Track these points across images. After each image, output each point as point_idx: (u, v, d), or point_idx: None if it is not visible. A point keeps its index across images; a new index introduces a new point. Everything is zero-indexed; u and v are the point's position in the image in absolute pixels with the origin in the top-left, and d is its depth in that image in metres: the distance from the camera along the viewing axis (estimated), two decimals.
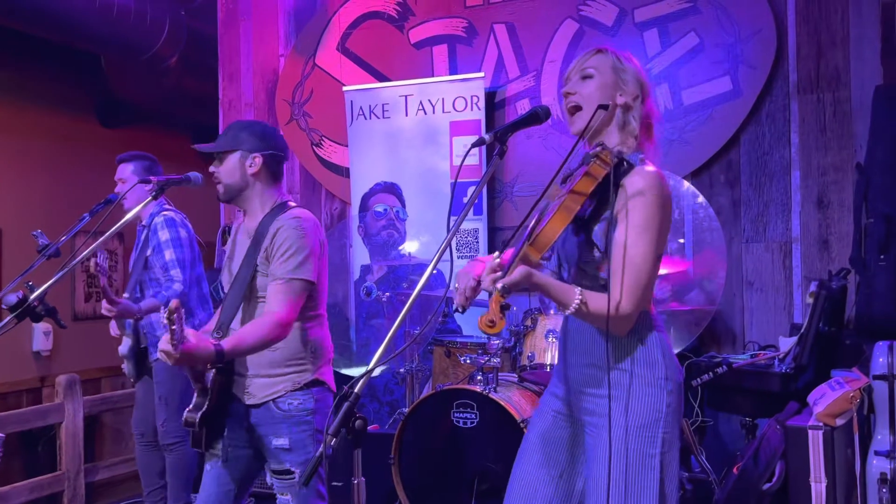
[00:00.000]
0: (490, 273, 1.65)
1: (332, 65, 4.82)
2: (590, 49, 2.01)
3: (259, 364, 2.40)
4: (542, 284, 1.73)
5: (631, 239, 1.79)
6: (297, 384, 2.41)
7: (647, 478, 1.81)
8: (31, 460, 4.77)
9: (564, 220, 1.74)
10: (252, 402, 2.40)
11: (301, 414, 2.41)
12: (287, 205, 2.46)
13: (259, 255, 2.39)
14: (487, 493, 3.01)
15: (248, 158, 2.42)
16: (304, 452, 2.41)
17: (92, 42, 4.97)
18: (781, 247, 3.81)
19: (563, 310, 1.78)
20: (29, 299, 2.21)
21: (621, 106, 1.93)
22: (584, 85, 1.95)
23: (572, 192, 1.78)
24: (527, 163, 4.30)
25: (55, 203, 5.35)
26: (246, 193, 2.45)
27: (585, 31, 4.17)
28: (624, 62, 1.95)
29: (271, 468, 2.44)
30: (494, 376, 3.09)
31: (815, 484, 2.80)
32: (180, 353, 2.06)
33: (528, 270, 1.67)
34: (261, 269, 2.39)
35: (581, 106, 1.94)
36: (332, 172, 4.83)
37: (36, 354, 5.30)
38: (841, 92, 3.68)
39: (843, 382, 2.92)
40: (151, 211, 3.71)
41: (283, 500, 2.44)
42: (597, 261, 1.87)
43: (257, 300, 2.41)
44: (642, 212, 1.80)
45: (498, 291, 1.59)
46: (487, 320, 1.59)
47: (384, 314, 3.94)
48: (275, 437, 2.40)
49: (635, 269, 1.79)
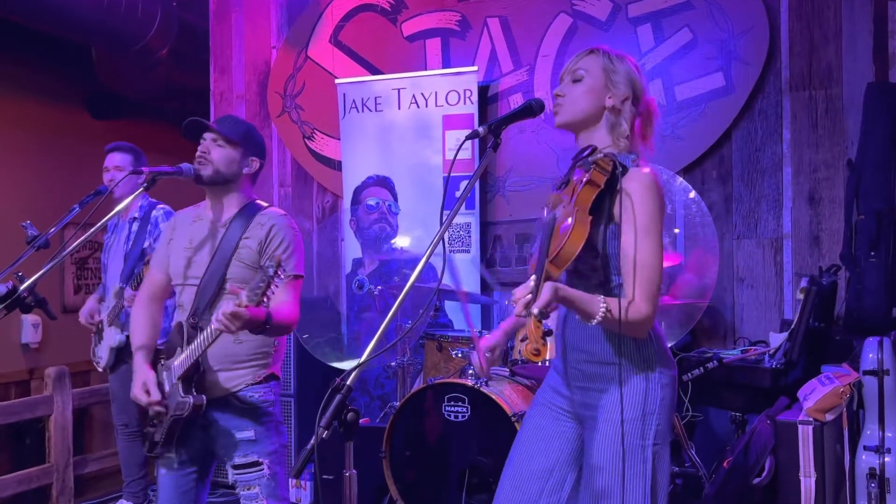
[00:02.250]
0: (521, 299, 1.66)
1: (324, 57, 4.80)
2: (584, 49, 2.03)
3: (221, 357, 2.41)
4: (568, 297, 1.75)
5: (639, 243, 1.82)
6: (257, 378, 2.45)
7: (639, 469, 1.84)
8: (18, 453, 4.74)
9: (583, 234, 1.76)
10: (212, 397, 2.40)
11: (264, 405, 2.46)
12: (258, 203, 2.54)
13: (240, 248, 2.42)
14: (478, 486, 3.01)
15: (248, 159, 2.51)
16: (269, 443, 2.45)
17: (82, 33, 4.93)
18: (773, 243, 3.83)
19: (588, 321, 1.78)
20: (19, 290, 2.20)
21: (609, 109, 1.95)
22: (573, 88, 1.98)
23: (579, 203, 1.80)
24: (519, 157, 4.30)
25: (44, 194, 5.31)
26: (229, 186, 2.50)
27: (579, 26, 4.17)
28: (616, 63, 1.97)
29: (235, 463, 2.43)
30: None
31: (804, 479, 2.82)
32: (248, 317, 2.08)
33: (555, 286, 1.69)
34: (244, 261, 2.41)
35: (564, 105, 1.98)
36: (324, 165, 4.82)
37: (25, 346, 5.27)
38: (833, 89, 3.70)
39: (833, 378, 2.94)
40: (140, 203, 3.70)
41: (247, 494, 2.44)
42: (593, 262, 1.90)
43: (224, 290, 2.41)
44: (644, 215, 1.83)
45: (535, 316, 1.59)
46: (532, 349, 1.58)
47: (376, 308, 3.93)
48: (238, 431, 2.42)
49: (647, 271, 1.82)
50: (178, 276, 2.50)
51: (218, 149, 2.45)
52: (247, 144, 2.50)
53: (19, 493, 4.30)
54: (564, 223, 1.77)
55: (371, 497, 3.32)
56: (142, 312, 2.56)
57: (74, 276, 5.69)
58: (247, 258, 2.42)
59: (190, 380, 2.37)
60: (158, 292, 2.59)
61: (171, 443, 2.43)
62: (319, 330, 4.25)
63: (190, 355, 2.33)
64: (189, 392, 2.35)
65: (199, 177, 2.45)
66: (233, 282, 2.40)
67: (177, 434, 2.41)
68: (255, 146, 2.53)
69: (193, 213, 2.59)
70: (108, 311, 3.67)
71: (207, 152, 2.45)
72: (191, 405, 2.32)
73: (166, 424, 2.40)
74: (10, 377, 5.16)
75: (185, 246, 2.51)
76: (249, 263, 2.42)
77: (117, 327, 3.64)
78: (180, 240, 2.54)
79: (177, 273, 2.51)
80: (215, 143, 2.46)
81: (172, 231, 2.59)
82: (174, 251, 2.54)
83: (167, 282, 2.57)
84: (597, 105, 1.95)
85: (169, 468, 2.47)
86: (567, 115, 1.98)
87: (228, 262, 2.41)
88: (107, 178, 3.73)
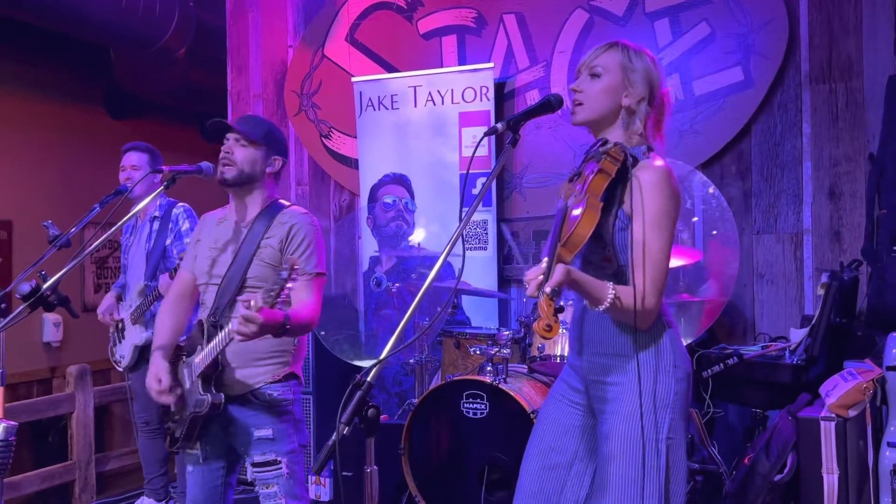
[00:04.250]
0: (533, 280, 1.68)
1: (340, 56, 4.81)
2: (603, 43, 2.03)
3: (241, 355, 2.42)
4: (579, 281, 1.76)
5: (648, 234, 1.83)
6: (275, 376, 2.46)
7: (652, 462, 1.84)
8: (41, 450, 4.79)
9: (593, 219, 1.77)
10: (231, 394, 2.41)
11: (283, 404, 2.46)
12: (280, 202, 2.54)
13: (262, 247, 2.43)
14: (497, 483, 3.01)
15: (271, 158, 2.51)
16: (287, 443, 2.45)
17: (100, 34, 4.97)
18: (793, 238, 3.79)
19: (595, 306, 1.80)
20: (42, 289, 2.22)
21: (625, 108, 1.96)
22: (591, 84, 1.98)
23: (590, 190, 1.81)
24: (536, 154, 4.29)
25: (64, 194, 5.37)
26: (253, 186, 2.50)
27: (596, 21, 4.15)
28: (634, 60, 1.97)
29: (254, 461, 2.44)
30: (504, 367, 3.09)
31: (827, 475, 2.79)
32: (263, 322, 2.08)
33: (567, 268, 1.70)
34: (265, 260, 2.43)
35: (583, 104, 1.98)
36: (341, 164, 4.83)
37: (46, 345, 5.33)
38: (853, 81, 3.66)
39: (856, 373, 2.91)
40: (159, 202, 3.73)
41: (266, 493, 2.45)
42: (604, 252, 1.91)
43: (246, 287, 2.43)
44: (656, 207, 1.84)
45: (547, 295, 1.61)
46: (544, 325, 1.59)
47: (393, 305, 3.94)
48: (257, 429, 2.42)
49: (655, 263, 1.84)
50: (203, 276, 2.52)
51: (241, 149, 2.46)
52: (269, 143, 2.50)
53: (43, 490, 4.35)
54: (575, 209, 1.79)
55: (390, 493, 3.32)
56: (168, 312, 2.58)
57: (94, 276, 5.75)
58: (268, 257, 2.44)
59: (209, 378, 2.38)
60: (186, 292, 2.61)
61: (193, 439, 2.44)
62: (337, 327, 4.27)
63: (209, 354, 2.35)
64: (208, 390, 2.37)
65: (225, 180, 2.45)
66: (254, 281, 2.41)
67: (197, 430, 2.43)
68: (278, 145, 2.54)
69: (220, 215, 2.61)
70: (132, 309, 3.69)
71: (231, 153, 2.45)
72: (209, 403, 2.34)
73: (186, 421, 2.42)
74: (33, 375, 5.22)
75: (211, 246, 2.53)
76: (271, 262, 2.43)
77: (142, 325, 3.67)
78: (206, 240, 2.56)
79: (201, 273, 2.52)
80: (238, 143, 2.47)
81: (199, 232, 2.62)
82: (200, 251, 2.56)
83: (195, 282, 2.59)
84: (614, 103, 1.96)
85: (195, 464, 2.49)
86: (585, 113, 1.98)
87: (250, 261, 2.43)
88: (123, 178, 3.76)
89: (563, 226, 1.79)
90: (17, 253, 5.14)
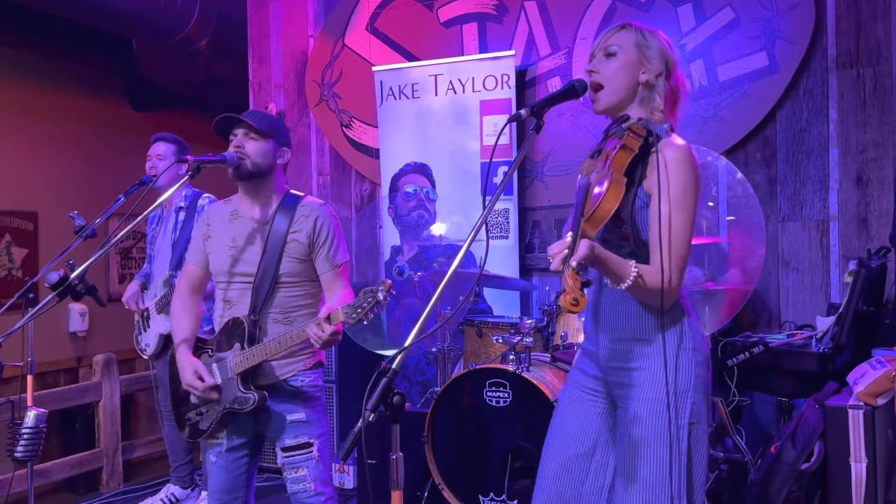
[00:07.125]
0: (558, 254, 1.66)
1: (361, 45, 4.81)
2: (614, 25, 2.02)
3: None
4: (601, 257, 1.74)
5: (671, 214, 1.82)
6: (307, 365, 2.52)
7: (676, 446, 1.83)
8: (68, 438, 4.86)
9: (618, 193, 1.75)
10: (264, 384, 2.45)
11: (313, 390, 2.52)
12: (294, 193, 2.58)
13: (289, 242, 2.45)
14: (520, 471, 3.01)
15: (280, 150, 2.53)
16: (318, 426, 2.51)
17: (123, 26, 5.01)
18: (818, 225, 3.75)
19: (617, 284, 1.78)
20: (70, 278, 2.24)
21: (643, 84, 1.94)
22: (607, 63, 1.97)
23: (614, 165, 1.79)
24: (558, 141, 4.26)
25: (88, 185, 5.42)
26: (265, 179, 2.52)
27: (618, 7, 4.11)
28: (648, 38, 1.96)
29: (285, 445, 2.47)
30: (527, 356, 3.09)
31: (854, 464, 2.76)
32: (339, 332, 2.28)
33: (592, 243, 1.68)
34: (294, 256, 2.45)
35: (603, 85, 1.96)
36: (362, 153, 4.83)
37: (72, 335, 5.39)
38: (881, 66, 3.59)
39: (885, 362, 2.87)
40: (185, 193, 3.75)
41: (295, 476, 2.48)
42: (622, 231, 1.89)
43: (280, 284, 2.46)
44: (679, 185, 1.83)
45: (573, 269, 1.59)
46: (571, 299, 1.56)
47: (416, 294, 3.94)
48: (290, 413, 2.47)
49: (678, 242, 1.83)
50: (223, 274, 2.52)
51: (251, 142, 2.47)
52: (277, 135, 2.52)
53: (71, 477, 4.42)
54: (599, 185, 1.76)
55: (414, 481, 3.33)
56: (182, 307, 2.60)
57: (119, 266, 5.80)
58: (296, 252, 2.46)
59: (248, 375, 2.42)
60: (197, 286, 2.63)
61: (221, 430, 2.47)
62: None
63: (257, 355, 2.38)
64: (249, 389, 2.40)
65: (241, 172, 2.46)
66: (287, 277, 2.46)
67: (228, 423, 2.47)
68: (285, 136, 2.58)
69: (228, 209, 2.59)
70: (157, 298, 3.72)
71: (242, 147, 2.46)
72: (255, 401, 2.38)
73: (218, 415, 2.44)
74: (60, 365, 5.29)
75: (229, 245, 2.52)
76: (299, 257, 2.47)
77: (167, 314, 3.70)
78: (220, 237, 2.55)
79: (221, 270, 2.53)
80: (247, 136, 2.47)
81: (208, 227, 2.59)
82: (216, 249, 2.55)
83: (204, 276, 2.61)
84: (632, 80, 1.94)
85: (218, 454, 2.52)
86: (607, 98, 1.96)
87: (280, 258, 2.45)
88: (148, 166, 3.79)
89: (585, 201, 1.77)
90: (43, 244, 5.20)
